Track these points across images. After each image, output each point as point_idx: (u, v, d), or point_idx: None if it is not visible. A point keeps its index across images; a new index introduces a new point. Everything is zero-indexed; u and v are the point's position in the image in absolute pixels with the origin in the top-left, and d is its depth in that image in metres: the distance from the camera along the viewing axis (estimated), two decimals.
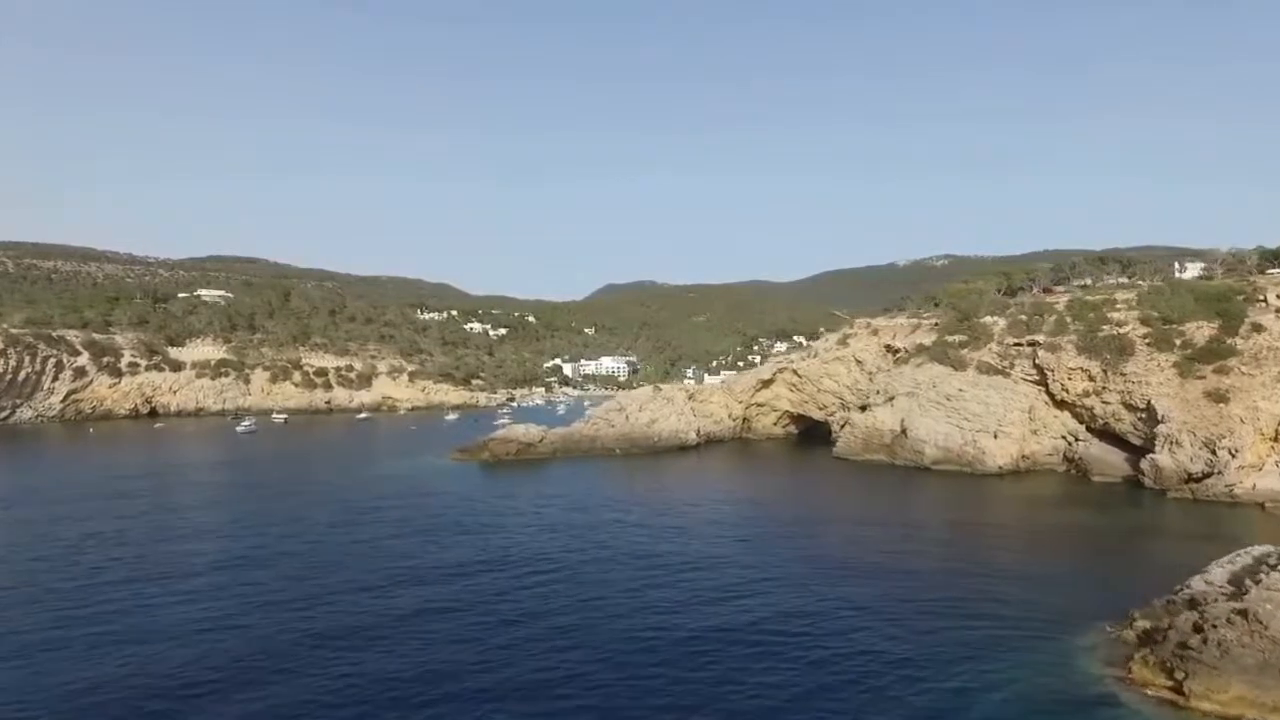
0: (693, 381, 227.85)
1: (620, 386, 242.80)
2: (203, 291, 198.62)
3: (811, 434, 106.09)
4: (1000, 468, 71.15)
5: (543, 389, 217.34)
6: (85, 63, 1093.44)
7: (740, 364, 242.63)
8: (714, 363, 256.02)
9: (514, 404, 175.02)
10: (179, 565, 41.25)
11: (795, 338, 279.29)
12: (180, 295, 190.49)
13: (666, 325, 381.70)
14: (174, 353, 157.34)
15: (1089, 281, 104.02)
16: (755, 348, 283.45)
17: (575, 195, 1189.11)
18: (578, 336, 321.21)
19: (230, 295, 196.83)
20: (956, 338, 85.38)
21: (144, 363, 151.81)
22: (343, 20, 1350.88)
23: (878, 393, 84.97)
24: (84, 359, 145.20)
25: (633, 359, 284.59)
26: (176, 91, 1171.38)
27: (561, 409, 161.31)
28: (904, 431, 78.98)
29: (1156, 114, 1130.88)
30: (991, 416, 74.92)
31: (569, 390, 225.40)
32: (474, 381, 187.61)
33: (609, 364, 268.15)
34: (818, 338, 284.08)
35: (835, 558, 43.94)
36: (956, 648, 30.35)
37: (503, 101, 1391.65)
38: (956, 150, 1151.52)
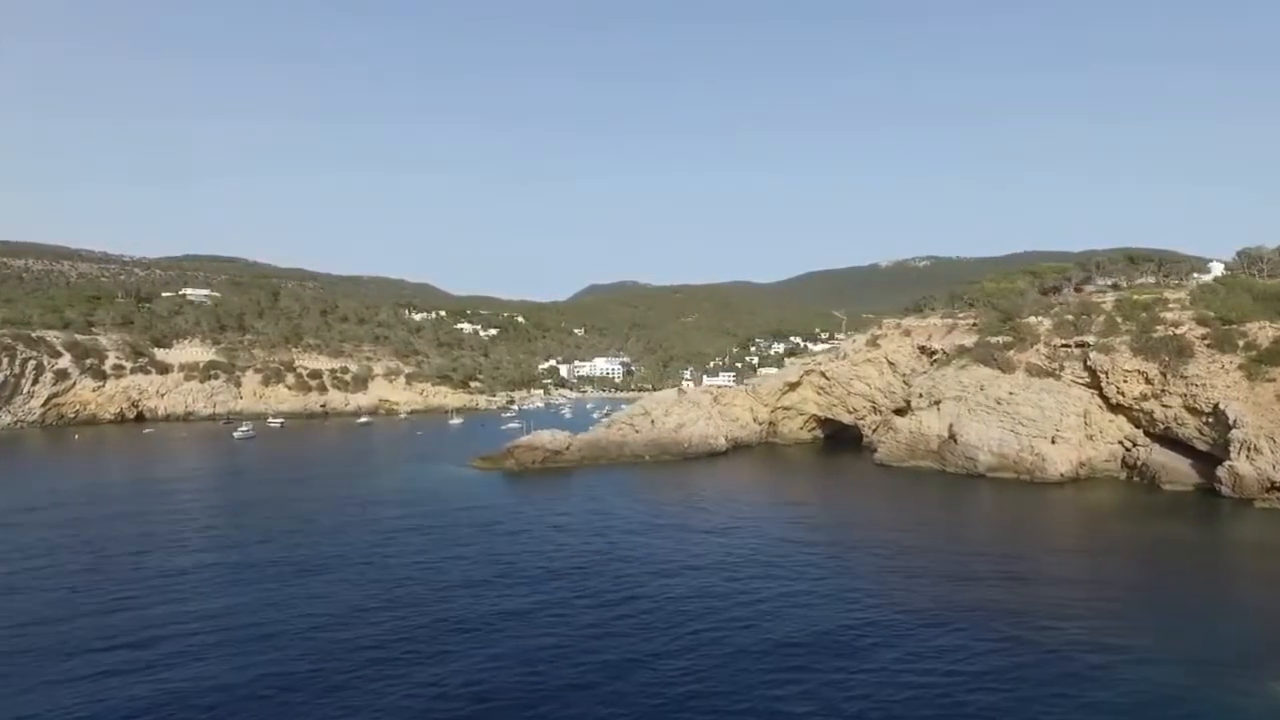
0: (691, 383, 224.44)
1: (617, 388, 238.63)
2: (188, 291, 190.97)
3: (839, 438, 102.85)
4: (1061, 475, 67.96)
5: (541, 391, 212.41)
6: (57, 61, 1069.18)
7: (738, 365, 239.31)
8: (711, 363, 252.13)
9: (516, 407, 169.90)
10: (221, 593, 36.50)
11: (792, 338, 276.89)
12: (165, 294, 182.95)
13: (655, 326, 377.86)
14: (160, 354, 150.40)
15: (1122, 281, 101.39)
16: (752, 348, 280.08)
17: (557, 195, 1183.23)
18: (569, 337, 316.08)
19: (217, 295, 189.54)
20: (1000, 339, 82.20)
21: (129, 365, 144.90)
22: (320, 18, 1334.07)
23: (920, 396, 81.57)
24: (66, 361, 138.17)
25: (626, 360, 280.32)
26: (151, 91, 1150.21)
27: (566, 412, 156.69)
28: (953, 437, 75.57)
29: (1139, 117, 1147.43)
30: (1048, 421, 71.73)
31: (566, 392, 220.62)
32: (472, 384, 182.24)
33: (603, 365, 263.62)
34: (813, 338, 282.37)
35: (943, 574, 40.48)
36: (1151, 688, 26.71)
37: (486, 101, 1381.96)
38: (939, 152, 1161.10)
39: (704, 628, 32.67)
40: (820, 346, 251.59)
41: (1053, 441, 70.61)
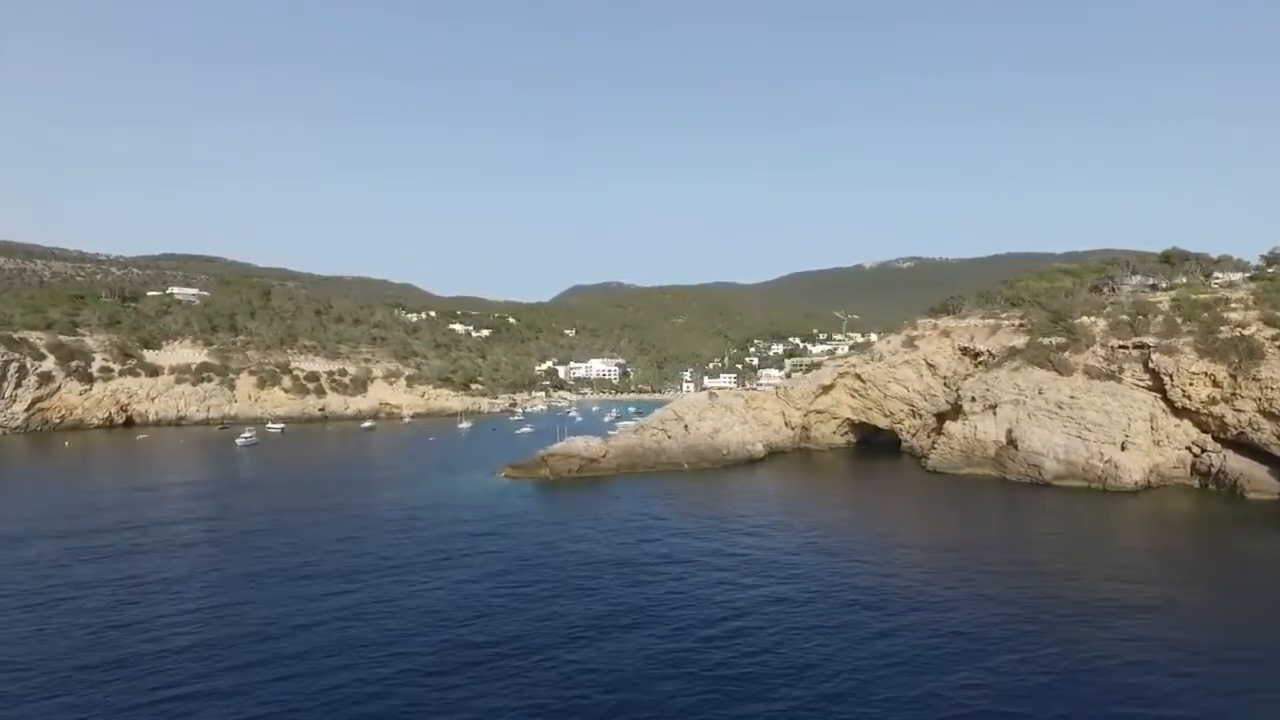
0: (691, 386, 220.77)
1: (616, 390, 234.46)
2: (175, 290, 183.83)
3: (872, 442, 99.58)
4: (1136, 483, 64.71)
5: (542, 393, 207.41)
6: (29, 61, 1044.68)
7: (738, 366, 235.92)
8: (711, 364, 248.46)
9: (520, 410, 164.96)
10: (284, 617, 31.81)
11: (790, 339, 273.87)
12: (151, 293, 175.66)
13: (646, 327, 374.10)
14: (150, 356, 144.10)
15: (1161, 280, 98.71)
16: (751, 349, 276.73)
17: (537, 196, 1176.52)
18: (561, 338, 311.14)
19: (206, 294, 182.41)
20: (1053, 340, 79.03)
21: (117, 367, 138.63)
22: (301, 17, 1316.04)
23: (972, 400, 78.10)
24: (50, 363, 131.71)
25: (621, 361, 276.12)
26: (128, 91, 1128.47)
27: (575, 415, 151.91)
28: (1012, 443, 72.18)
29: (1116, 120, 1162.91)
30: (1115, 426, 68.50)
31: (566, 394, 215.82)
32: (473, 386, 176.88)
33: (599, 367, 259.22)
34: (811, 339, 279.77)
35: (1073, 587, 37.10)
36: None
37: (469, 102, 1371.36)
38: (922, 154, 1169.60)
39: (844, 646, 30.01)
40: (819, 348, 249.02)
41: (1123, 448, 67.39)
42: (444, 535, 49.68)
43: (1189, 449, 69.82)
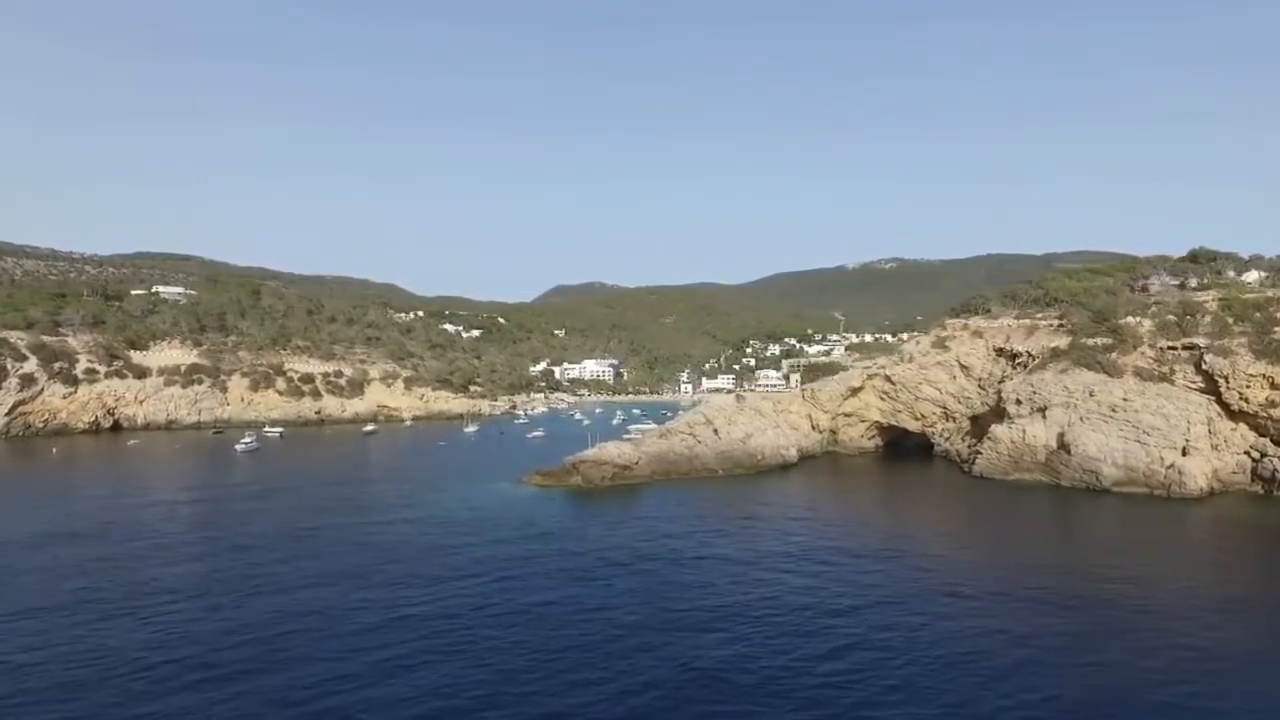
0: (689, 387, 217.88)
1: (612, 391, 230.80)
2: (161, 289, 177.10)
3: (900, 446, 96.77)
4: (1201, 490, 62.23)
5: (541, 395, 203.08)
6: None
7: (735, 367, 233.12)
8: (706, 365, 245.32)
9: (521, 412, 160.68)
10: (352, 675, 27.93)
11: (786, 339, 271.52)
12: (135, 292, 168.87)
13: (636, 327, 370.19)
14: (137, 357, 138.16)
15: (1182, 282, 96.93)
16: (748, 350, 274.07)
17: (520, 196, 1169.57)
18: (552, 339, 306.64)
19: (193, 293, 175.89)
20: (1097, 340, 76.65)
21: (103, 369, 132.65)
22: (280, 14, 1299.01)
23: (1018, 403, 75.45)
24: (32, 364, 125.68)
25: (614, 362, 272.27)
26: (96, 88, 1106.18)
27: (579, 416, 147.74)
28: (1064, 447, 69.49)
29: (1098, 121, 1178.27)
30: (1175, 430, 66.07)
31: (564, 395, 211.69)
32: (471, 388, 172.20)
33: (593, 368, 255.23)
34: (808, 340, 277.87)
35: (1223, 609, 34.09)
36: None
37: (446, 102, 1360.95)
38: (906, 155, 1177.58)
39: (990, 653, 28.27)
40: (815, 348, 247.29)
41: (1184, 453, 64.97)
42: (492, 540, 47.61)
43: (1247, 453, 67.57)
